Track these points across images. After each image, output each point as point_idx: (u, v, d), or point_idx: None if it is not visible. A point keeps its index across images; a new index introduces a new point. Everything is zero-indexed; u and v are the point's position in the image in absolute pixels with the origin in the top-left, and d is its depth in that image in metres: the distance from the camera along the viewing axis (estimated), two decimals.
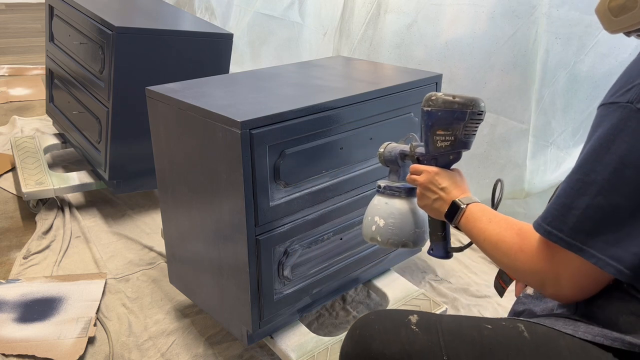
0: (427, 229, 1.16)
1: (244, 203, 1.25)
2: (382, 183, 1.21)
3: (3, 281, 1.89)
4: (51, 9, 2.65)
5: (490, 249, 0.90)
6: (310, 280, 1.50)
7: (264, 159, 1.26)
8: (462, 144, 1.06)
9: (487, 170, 2.19)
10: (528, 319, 0.85)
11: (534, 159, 2.12)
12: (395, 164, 1.22)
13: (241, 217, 1.28)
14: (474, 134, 1.06)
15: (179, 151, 1.43)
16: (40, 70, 4.62)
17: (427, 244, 1.18)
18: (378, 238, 1.18)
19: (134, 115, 2.12)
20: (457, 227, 1.01)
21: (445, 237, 1.11)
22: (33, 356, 1.55)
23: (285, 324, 1.51)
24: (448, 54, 2.22)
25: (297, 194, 1.38)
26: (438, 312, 1.61)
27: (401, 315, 0.87)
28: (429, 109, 1.05)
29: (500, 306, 1.83)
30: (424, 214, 1.17)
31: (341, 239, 1.56)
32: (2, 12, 7.41)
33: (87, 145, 2.40)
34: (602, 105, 0.75)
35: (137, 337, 1.66)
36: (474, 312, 1.80)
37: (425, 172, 1.07)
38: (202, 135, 1.32)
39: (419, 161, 1.14)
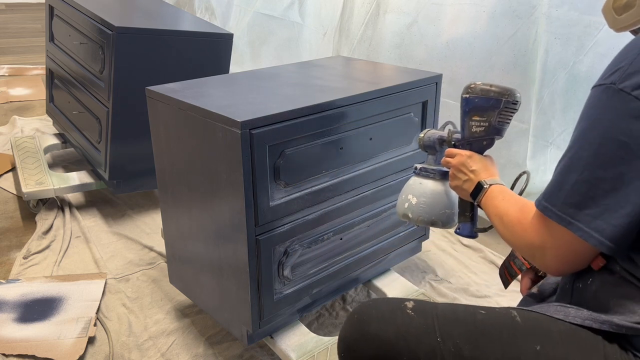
0: (457, 211, 1.21)
1: (244, 203, 1.25)
2: (419, 165, 1.29)
3: (3, 281, 1.89)
4: (51, 9, 2.65)
5: (497, 223, 0.96)
6: (310, 280, 1.50)
7: (264, 159, 1.26)
8: (495, 130, 1.12)
9: None
10: (522, 308, 0.88)
11: (534, 158, 2.12)
12: (434, 149, 1.29)
13: (241, 217, 1.28)
14: (508, 123, 1.12)
15: (179, 151, 1.43)
16: (40, 70, 4.62)
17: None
18: (409, 215, 1.25)
19: (134, 115, 2.12)
20: (479, 206, 1.07)
21: (473, 218, 1.17)
22: (33, 356, 1.56)
23: (285, 324, 1.51)
24: (449, 53, 2.22)
25: (297, 194, 1.38)
26: None
27: (398, 301, 0.90)
28: (467, 95, 1.12)
29: (500, 306, 1.83)
30: (455, 197, 1.23)
31: (341, 239, 1.56)
32: (2, 12, 7.42)
33: (87, 145, 2.41)
34: (593, 88, 0.81)
35: (137, 337, 1.66)
36: None
37: (459, 155, 1.13)
38: (202, 135, 1.32)
39: (455, 146, 1.21)
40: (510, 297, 1.86)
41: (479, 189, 1.06)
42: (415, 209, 1.24)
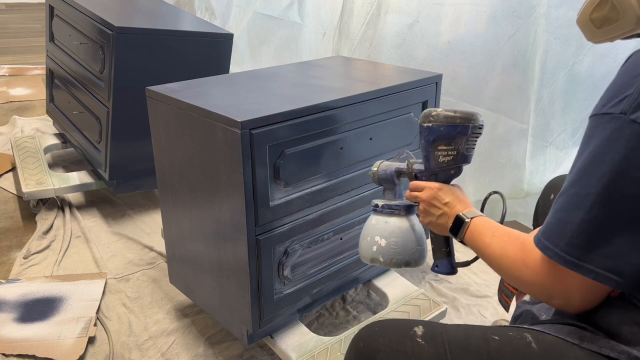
0: (427, 246, 1.13)
1: (244, 203, 1.26)
2: (380, 202, 1.18)
3: (3, 281, 1.89)
4: (51, 9, 2.65)
5: (495, 264, 0.88)
6: (310, 280, 1.50)
7: (264, 159, 1.26)
8: (463, 157, 1.05)
9: (488, 169, 2.20)
10: (534, 327, 0.84)
11: (533, 158, 2.13)
12: (391, 182, 1.20)
13: (241, 217, 1.28)
14: (474, 148, 1.06)
15: (179, 151, 1.43)
16: (40, 70, 4.62)
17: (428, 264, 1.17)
18: (380, 258, 1.14)
19: (134, 115, 2.12)
20: (462, 242, 0.99)
21: (450, 253, 1.10)
22: (33, 356, 1.56)
23: (285, 324, 1.51)
24: (450, 53, 2.22)
25: (297, 194, 1.38)
26: (438, 311, 1.61)
27: (406, 326, 0.85)
28: (430, 124, 1.04)
29: (500, 306, 1.83)
30: (422, 232, 1.15)
31: (341, 239, 1.56)
32: (2, 12, 7.42)
33: (87, 145, 2.41)
34: (594, 116, 0.74)
35: (137, 337, 1.66)
36: (474, 312, 1.80)
37: (428, 188, 1.05)
38: (202, 135, 1.32)
39: (417, 178, 1.12)
40: None
41: (458, 223, 0.98)
42: (386, 251, 1.13)
